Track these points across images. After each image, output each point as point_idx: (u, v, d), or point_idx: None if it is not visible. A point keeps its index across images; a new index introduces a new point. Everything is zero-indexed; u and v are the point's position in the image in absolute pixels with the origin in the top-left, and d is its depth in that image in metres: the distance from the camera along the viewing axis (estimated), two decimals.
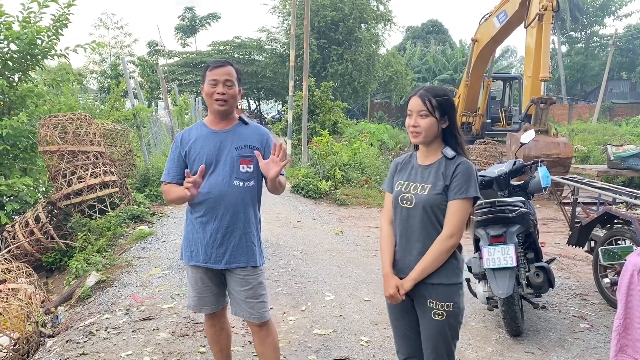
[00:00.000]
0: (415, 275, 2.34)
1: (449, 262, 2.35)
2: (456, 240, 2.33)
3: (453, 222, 2.32)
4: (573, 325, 4.28)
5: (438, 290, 2.35)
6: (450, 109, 2.40)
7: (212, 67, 2.77)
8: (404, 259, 2.43)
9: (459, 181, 2.32)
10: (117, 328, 4.11)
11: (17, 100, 7.88)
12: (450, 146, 2.41)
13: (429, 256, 2.33)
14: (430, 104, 2.33)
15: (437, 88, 2.43)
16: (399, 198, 2.43)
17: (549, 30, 11.13)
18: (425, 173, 2.42)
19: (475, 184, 2.34)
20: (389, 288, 2.39)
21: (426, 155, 2.45)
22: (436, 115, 2.34)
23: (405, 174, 2.49)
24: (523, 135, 4.84)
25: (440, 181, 2.35)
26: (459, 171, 2.33)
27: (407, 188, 2.43)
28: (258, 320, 2.83)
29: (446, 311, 2.34)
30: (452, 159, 2.37)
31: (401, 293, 2.36)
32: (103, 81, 26.96)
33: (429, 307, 2.36)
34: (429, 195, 2.35)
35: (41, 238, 6.64)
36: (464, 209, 2.33)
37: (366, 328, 4.12)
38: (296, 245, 6.58)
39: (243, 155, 2.79)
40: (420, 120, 2.35)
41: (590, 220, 4.95)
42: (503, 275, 3.78)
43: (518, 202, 4.05)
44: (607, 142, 15.87)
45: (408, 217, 2.40)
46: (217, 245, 2.76)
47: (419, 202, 2.36)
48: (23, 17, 7.65)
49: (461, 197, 2.32)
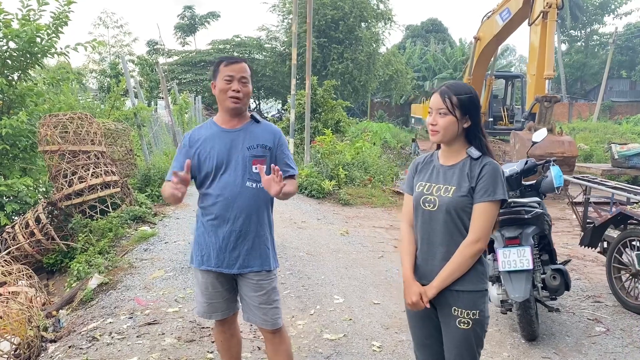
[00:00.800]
0: (439, 283, 2.23)
1: (475, 268, 2.24)
2: (483, 245, 2.20)
3: (479, 225, 2.20)
4: (589, 329, 4.17)
5: (463, 297, 2.23)
6: (473, 107, 2.27)
7: (227, 62, 2.65)
8: (426, 264, 2.31)
9: (486, 183, 2.20)
10: (121, 333, 4.00)
11: (16, 100, 7.77)
12: (475, 146, 2.28)
13: (454, 262, 2.21)
14: (450, 102, 2.22)
15: (460, 85, 2.29)
16: (421, 200, 2.31)
17: (553, 27, 11.01)
18: (449, 174, 2.29)
19: (502, 186, 2.22)
20: (412, 295, 2.27)
21: (449, 155, 2.33)
22: (456, 114, 2.22)
23: (427, 175, 2.37)
24: (535, 133, 4.73)
25: (465, 182, 2.23)
26: (485, 172, 2.21)
27: (429, 190, 2.31)
28: (272, 327, 2.72)
29: (472, 319, 2.22)
30: (477, 159, 2.24)
31: (425, 301, 2.24)
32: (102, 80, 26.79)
33: (454, 316, 2.24)
34: (453, 197, 2.23)
35: (42, 239, 6.53)
36: (491, 212, 2.20)
37: (377, 332, 4.02)
38: (301, 246, 6.47)
39: (255, 155, 2.67)
40: (439, 119, 2.24)
41: (604, 220, 4.85)
42: (519, 278, 3.68)
43: (533, 202, 3.95)
44: (611, 140, 15.77)
45: (430, 221, 2.28)
46: (230, 249, 2.65)
47: (442, 205, 2.24)
48: (22, 15, 7.54)
49: (488, 200, 2.19)
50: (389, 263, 5.91)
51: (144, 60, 28.04)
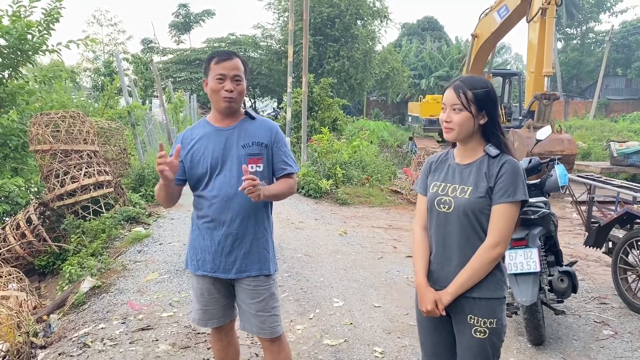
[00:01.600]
0: (455, 289, 2.09)
1: (493, 274, 2.10)
2: (502, 249, 2.06)
3: (499, 228, 2.05)
4: (596, 332, 4.06)
5: (480, 305, 2.09)
6: (490, 103, 2.11)
7: (218, 59, 2.49)
8: (441, 269, 2.17)
9: (505, 182, 2.05)
10: (113, 339, 3.85)
11: (7, 98, 7.61)
12: (493, 143, 2.13)
13: (471, 267, 2.07)
14: (465, 97, 2.07)
15: (475, 79, 2.14)
16: (435, 201, 2.17)
17: (552, 24, 10.89)
18: (465, 173, 2.15)
19: (523, 186, 2.07)
20: (427, 303, 2.12)
21: (465, 154, 2.18)
22: (471, 110, 2.08)
23: (442, 174, 2.22)
24: (539, 131, 4.60)
25: (483, 182, 2.09)
26: (504, 171, 2.06)
27: (444, 190, 2.16)
28: (270, 336, 2.58)
29: (489, 328, 2.08)
30: (495, 157, 2.10)
31: (440, 309, 2.10)
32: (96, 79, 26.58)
33: (470, 324, 2.10)
34: (471, 198, 2.08)
35: (33, 241, 6.37)
36: (511, 214, 2.06)
37: (379, 337, 3.88)
38: (299, 247, 6.34)
39: (251, 154, 2.53)
40: (454, 115, 2.10)
41: (610, 220, 4.73)
42: (526, 280, 3.56)
43: (540, 202, 3.83)
44: (609, 138, 15.70)
45: (446, 223, 2.14)
46: (227, 253, 2.51)
47: (458, 206, 2.10)
48: (13, 11, 7.38)
49: (508, 201, 2.05)
50: (389, 264, 5.79)
51: (138, 59, 27.87)
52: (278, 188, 2.56)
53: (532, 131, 10.54)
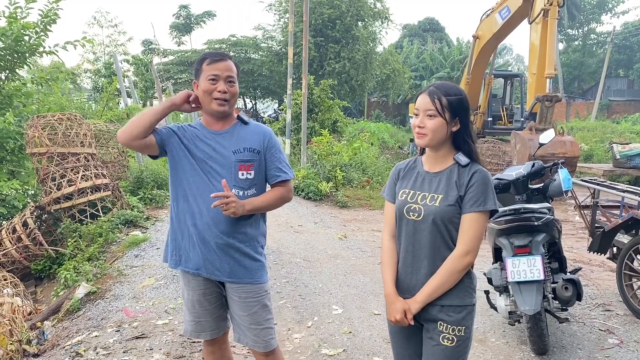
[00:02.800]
0: (423, 297, 2.06)
1: (462, 282, 2.08)
2: (471, 258, 2.05)
3: (468, 237, 2.04)
4: (601, 341, 3.96)
5: (449, 312, 2.07)
6: (463, 110, 2.10)
7: (210, 60, 2.42)
8: (410, 278, 2.14)
9: (475, 192, 2.05)
10: (106, 348, 3.77)
11: (3, 100, 7.55)
12: (463, 152, 2.12)
13: (440, 276, 2.05)
14: (439, 103, 2.05)
15: (449, 86, 2.12)
16: (404, 209, 2.13)
17: (554, 25, 10.80)
18: (435, 181, 2.13)
19: (493, 195, 2.07)
20: (395, 313, 2.10)
21: (434, 161, 2.16)
22: (445, 116, 2.05)
23: (410, 182, 2.19)
24: (542, 135, 4.51)
25: (453, 191, 2.07)
26: (475, 180, 2.06)
27: (413, 198, 2.13)
28: (264, 350, 2.50)
29: (457, 336, 2.07)
30: (465, 166, 2.09)
31: (409, 318, 2.08)
32: (97, 80, 26.54)
33: (439, 330, 2.08)
34: (441, 206, 2.06)
35: (29, 245, 6.28)
36: (481, 223, 2.05)
37: (379, 347, 3.79)
38: (298, 252, 6.25)
39: (241, 160, 2.44)
40: (427, 121, 2.07)
41: (614, 225, 4.63)
42: (529, 289, 3.46)
43: (544, 208, 3.73)
44: (612, 140, 15.58)
45: (415, 231, 2.11)
46: (209, 250, 2.42)
47: (428, 214, 2.07)
48: (9, 13, 7.31)
49: (478, 210, 2.04)
50: None
51: (138, 60, 27.79)
52: (265, 199, 2.48)
53: (534, 133, 10.44)
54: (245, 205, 2.36)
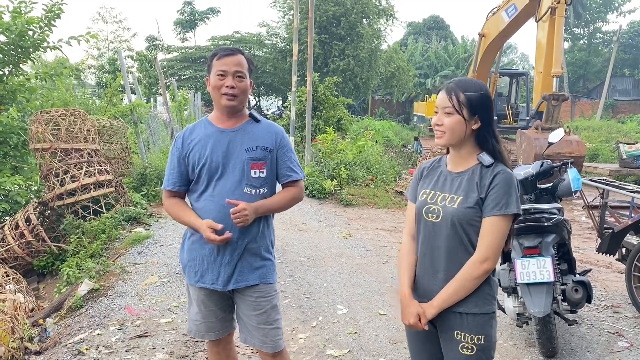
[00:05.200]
0: (439, 303, 1.98)
1: (481, 289, 1.99)
2: (491, 264, 1.95)
3: (488, 243, 1.94)
4: (610, 344, 3.90)
5: (467, 320, 1.98)
6: (483, 107, 1.99)
7: (220, 55, 2.37)
8: (428, 281, 2.06)
9: (497, 194, 1.94)
10: (109, 347, 3.72)
11: (7, 95, 7.50)
12: (487, 151, 2.02)
13: (457, 282, 1.96)
14: (456, 100, 1.95)
15: (468, 81, 2.03)
16: (424, 210, 2.05)
17: (561, 24, 10.72)
18: (456, 181, 2.03)
19: (516, 198, 1.95)
20: (409, 316, 2.01)
21: (457, 161, 2.07)
22: (463, 113, 1.96)
23: (432, 182, 2.11)
24: (551, 134, 4.43)
25: (474, 192, 1.97)
26: (497, 182, 1.95)
27: (433, 198, 2.05)
28: (272, 350, 2.44)
29: (476, 345, 1.97)
30: (489, 166, 1.98)
31: (423, 322, 1.99)
32: (101, 76, 26.51)
33: (457, 340, 1.99)
34: (459, 208, 1.97)
35: (32, 241, 6.25)
36: (502, 228, 1.94)
37: (384, 348, 3.74)
38: (302, 251, 6.19)
39: (254, 158, 2.39)
40: (445, 119, 1.98)
41: (624, 226, 4.56)
42: (539, 291, 3.40)
43: (553, 209, 3.67)
44: (618, 140, 15.49)
45: (433, 233, 2.03)
46: (226, 262, 2.37)
47: (446, 216, 1.99)
48: (14, 7, 7.26)
49: (499, 214, 1.93)
50: (395, 269, 5.63)
51: (142, 56, 27.75)
52: (276, 201, 2.44)
53: (540, 132, 10.37)
54: (258, 209, 2.34)
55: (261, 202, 2.37)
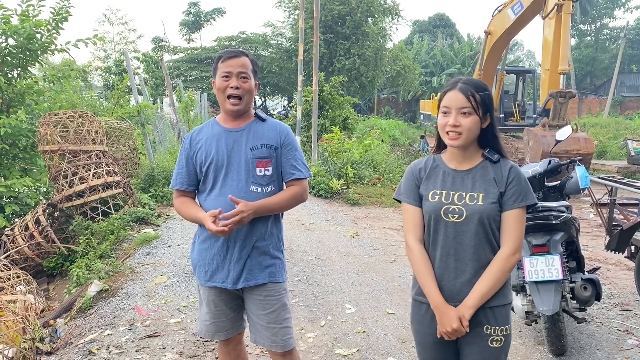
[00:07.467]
0: (475, 302, 1.98)
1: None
2: (519, 256, 2.02)
3: (515, 234, 2.00)
4: (620, 342, 3.88)
5: (497, 313, 2.02)
6: (492, 105, 2.06)
7: (224, 57, 2.40)
8: (453, 283, 2.03)
9: (517, 187, 2.01)
10: (119, 347, 3.75)
11: (15, 98, 7.55)
12: (492, 147, 2.06)
13: (490, 278, 1.97)
14: (474, 100, 1.96)
15: (476, 81, 2.05)
16: (442, 211, 2.02)
17: (568, 21, 10.64)
18: (468, 179, 2.04)
19: (531, 189, 2.04)
20: (451, 322, 1.97)
21: (462, 159, 2.07)
22: (479, 113, 1.97)
23: (438, 181, 2.08)
24: (559, 132, 4.41)
25: (493, 188, 2.00)
26: (513, 176, 2.02)
27: (448, 198, 2.03)
28: (282, 350, 2.46)
29: (504, 335, 2.04)
30: (497, 162, 2.04)
31: (465, 325, 1.97)
32: (107, 78, 26.64)
33: (486, 334, 2.01)
34: (485, 204, 1.98)
35: (42, 242, 6.31)
36: (524, 219, 2.03)
37: (393, 347, 3.74)
38: (310, 250, 6.20)
39: (259, 157, 2.41)
40: (462, 119, 1.96)
41: (633, 223, 4.54)
42: (548, 289, 3.39)
43: (562, 206, 3.66)
44: (627, 137, 15.39)
45: (456, 233, 2.01)
46: (234, 262, 2.38)
47: (472, 214, 1.98)
48: (22, 11, 7.31)
49: (521, 205, 2.00)
50: (402, 268, 5.64)
51: (149, 57, 27.87)
52: (277, 200, 2.43)
53: (547, 130, 10.32)
54: (258, 209, 2.34)
55: (261, 201, 2.37)
